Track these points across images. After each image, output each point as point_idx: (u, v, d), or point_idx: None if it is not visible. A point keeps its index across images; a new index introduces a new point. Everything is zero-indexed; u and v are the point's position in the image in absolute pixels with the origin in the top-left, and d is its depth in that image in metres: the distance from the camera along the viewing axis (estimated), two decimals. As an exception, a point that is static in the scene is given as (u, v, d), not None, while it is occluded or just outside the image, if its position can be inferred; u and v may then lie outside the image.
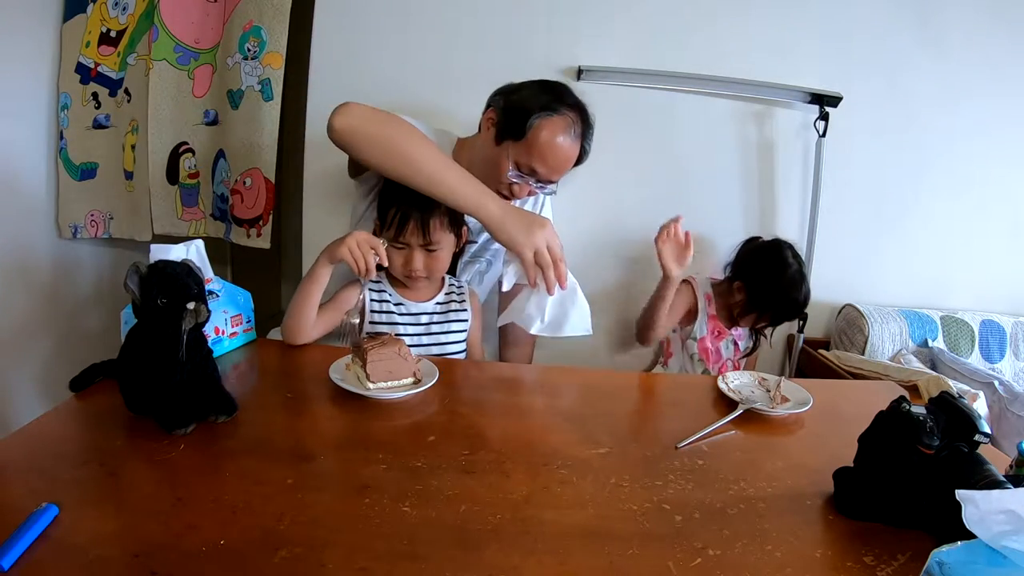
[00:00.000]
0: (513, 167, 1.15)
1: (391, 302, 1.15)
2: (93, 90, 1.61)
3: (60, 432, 0.76)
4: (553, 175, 1.17)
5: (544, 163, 1.14)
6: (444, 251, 1.12)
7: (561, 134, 1.14)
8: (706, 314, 1.56)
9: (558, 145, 1.14)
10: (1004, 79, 1.68)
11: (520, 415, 0.92)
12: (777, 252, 1.49)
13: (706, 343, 1.55)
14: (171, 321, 0.74)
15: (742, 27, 1.61)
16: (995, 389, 1.45)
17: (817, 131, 1.62)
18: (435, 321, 1.17)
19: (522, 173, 1.16)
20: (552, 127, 1.13)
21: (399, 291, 1.16)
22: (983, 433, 0.65)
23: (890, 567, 0.60)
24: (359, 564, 0.55)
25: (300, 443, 0.76)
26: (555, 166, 1.16)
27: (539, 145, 1.13)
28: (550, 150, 1.13)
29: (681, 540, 0.62)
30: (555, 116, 1.13)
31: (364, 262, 0.99)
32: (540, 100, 1.14)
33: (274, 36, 1.50)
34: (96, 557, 0.54)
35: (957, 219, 1.75)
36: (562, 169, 1.18)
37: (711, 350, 1.56)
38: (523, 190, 1.18)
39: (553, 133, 1.13)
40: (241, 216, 1.58)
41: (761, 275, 1.48)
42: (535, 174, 1.16)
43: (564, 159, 1.16)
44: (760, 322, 1.51)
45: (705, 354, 1.55)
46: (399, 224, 1.08)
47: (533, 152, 1.14)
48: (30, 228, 1.58)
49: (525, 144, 1.14)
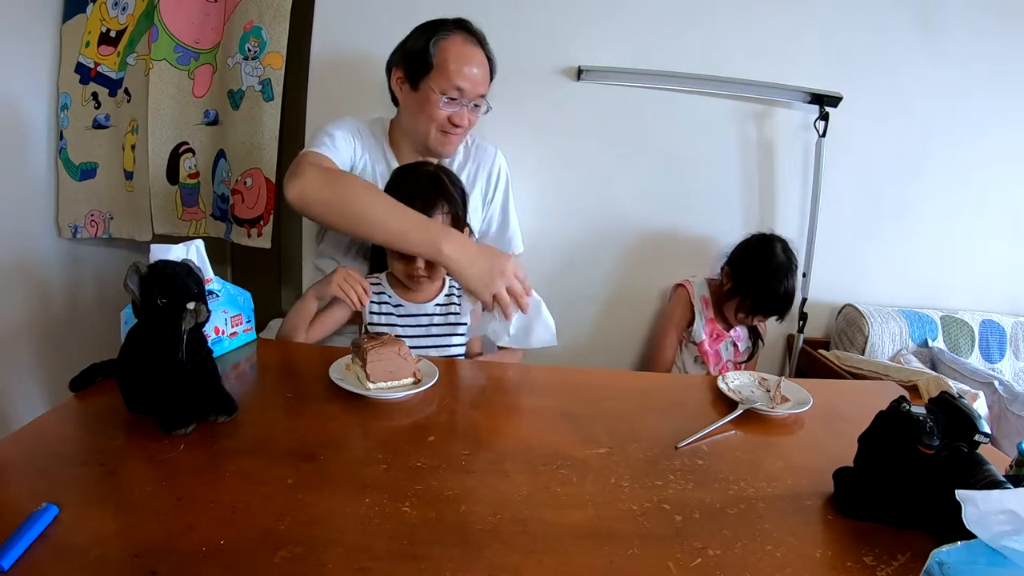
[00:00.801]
0: (440, 96, 1.20)
1: (390, 304, 1.16)
2: (93, 90, 1.61)
3: (60, 432, 0.76)
4: (478, 87, 1.22)
5: (463, 76, 1.19)
6: None
7: (462, 44, 1.21)
8: (704, 317, 1.56)
9: (467, 54, 1.21)
10: (1004, 79, 1.68)
11: (520, 415, 0.92)
12: (766, 242, 1.52)
13: (705, 346, 1.55)
14: (171, 321, 0.74)
15: (742, 27, 1.61)
16: (995, 389, 1.45)
17: (817, 131, 1.62)
18: (435, 323, 1.17)
19: (451, 97, 1.20)
20: (451, 41, 1.20)
21: (399, 293, 1.17)
22: (983, 433, 0.65)
23: (890, 567, 0.60)
24: (359, 564, 0.55)
25: (300, 443, 0.76)
26: (473, 75, 1.21)
27: (450, 61, 1.19)
28: (462, 60, 1.20)
29: (681, 540, 0.62)
30: (449, 34, 1.21)
31: (355, 295, 1.08)
32: (428, 32, 1.21)
33: (274, 36, 1.50)
34: (96, 557, 0.54)
35: (957, 219, 1.75)
36: (481, 79, 1.23)
37: (710, 352, 1.56)
38: (462, 116, 1.23)
39: (455, 45, 1.20)
40: (242, 216, 1.58)
41: (746, 261, 1.51)
42: (462, 92, 1.20)
43: (477, 64, 1.22)
44: (741, 310, 1.50)
45: (705, 357, 1.56)
46: None
47: (449, 70, 1.19)
48: (30, 228, 1.58)
49: (438, 69, 1.20)
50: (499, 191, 1.40)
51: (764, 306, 1.47)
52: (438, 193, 1.12)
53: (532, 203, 1.61)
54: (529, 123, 1.64)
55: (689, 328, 1.58)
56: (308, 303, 1.12)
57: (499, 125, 1.59)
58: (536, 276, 1.57)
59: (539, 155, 1.64)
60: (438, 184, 1.13)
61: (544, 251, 1.66)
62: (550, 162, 1.65)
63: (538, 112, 1.63)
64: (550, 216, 1.66)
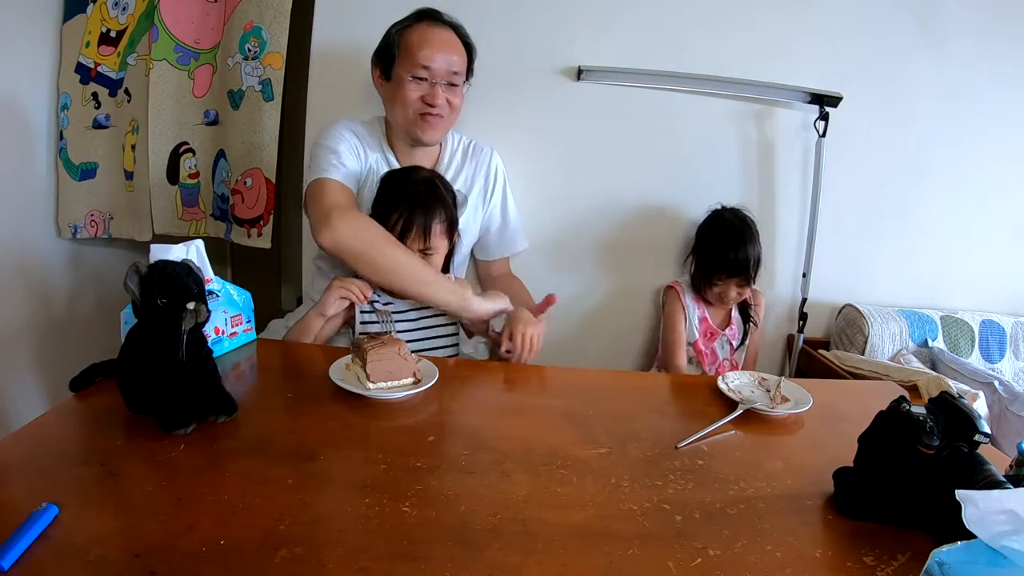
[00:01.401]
0: (410, 78, 1.22)
1: (380, 302, 1.19)
2: (93, 90, 1.61)
3: (60, 432, 0.76)
4: (449, 65, 1.23)
5: (426, 55, 1.21)
6: (438, 255, 1.19)
7: (426, 28, 1.24)
8: (697, 316, 1.56)
9: (430, 35, 1.23)
10: (1004, 79, 1.68)
11: (520, 415, 0.92)
12: (716, 214, 1.57)
13: (699, 346, 1.56)
14: (171, 321, 0.74)
15: (742, 27, 1.61)
16: (995, 389, 1.45)
17: (817, 131, 1.62)
18: (423, 316, 1.21)
19: (419, 77, 1.23)
20: (413, 28, 1.24)
21: (388, 293, 1.20)
22: (983, 433, 0.65)
23: (890, 567, 0.60)
24: (359, 564, 0.55)
25: (300, 443, 0.76)
26: (438, 53, 1.22)
27: (413, 43, 1.22)
28: (424, 41, 1.22)
29: (681, 540, 0.62)
30: (412, 23, 1.25)
31: (357, 290, 1.12)
32: (392, 27, 1.27)
33: (274, 36, 1.50)
34: (96, 557, 0.54)
35: (957, 219, 1.75)
36: (449, 58, 1.24)
37: (705, 352, 1.56)
38: (434, 95, 1.23)
39: (418, 30, 1.23)
40: (242, 216, 1.58)
41: (701, 237, 1.57)
42: (430, 71, 1.22)
43: (444, 43, 1.24)
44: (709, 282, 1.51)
45: (700, 356, 1.55)
46: (402, 229, 1.14)
47: (413, 52, 1.22)
48: (30, 228, 1.58)
49: (403, 54, 1.23)
50: (497, 190, 1.42)
51: (722, 267, 1.48)
52: (435, 199, 1.16)
53: (532, 203, 1.61)
54: (529, 123, 1.64)
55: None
56: (312, 322, 1.14)
57: (499, 125, 1.60)
58: (536, 275, 1.59)
59: (539, 155, 1.64)
60: (434, 191, 1.17)
61: (544, 251, 1.66)
62: (550, 162, 1.65)
63: (538, 112, 1.63)
64: (550, 216, 1.66)
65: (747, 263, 1.47)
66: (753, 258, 1.48)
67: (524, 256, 1.55)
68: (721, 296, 1.52)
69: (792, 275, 1.73)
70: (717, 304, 1.56)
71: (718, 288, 1.51)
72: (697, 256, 1.57)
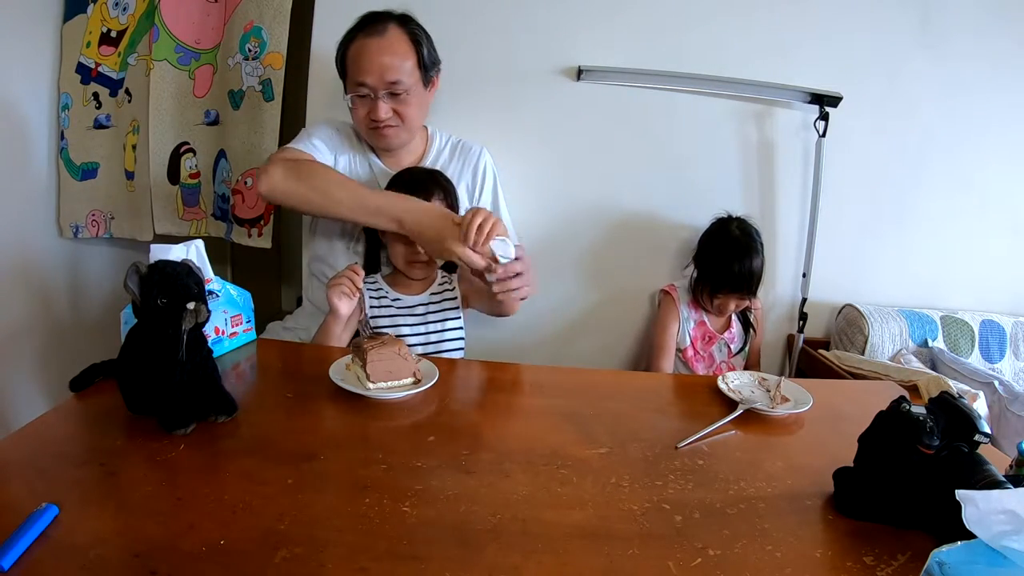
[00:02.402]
0: (355, 96, 1.21)
1: (389, 299, 1.21)
2: (94, 90, 1.61)
3: (60, 432, 0.76)
4: (385, 74, 1.18)
5: (360, 71, 1.19)
6: None
7: (361, 41, 1.20)
8: (693, 321, 1.56)
9: (363, 46, 1.19)
10: (1004, 79, 1.68)
11: (520, 415, 0.92)
12: (722, 223, 1.54)
13: (689, 353, 1.55)
14: (171, 321, 0.74)
15: (742, 27, 1.61)
16: (995, 389, 1.45)
17: (817, 131, 1.62)
18: (431, 311, 1.22)
19: (360, 95, 1.21)
20: (354, 42, 1.21)
21: (395, 289, 1.23)
22: (983, 433, 0.65)
23: (890, 567, 0.60)
24: (359, 564, 0.55)
25: (300, 443, 0.76)
26: (371, 66, 1.18)
27: (350, 60, 1.21)
28: (357, 53, 1.20)
29: (681, 540, 0.62)
30: (353, 38, 1.21)
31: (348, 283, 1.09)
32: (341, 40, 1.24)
33: (275, 36, 1.50)
34: (96, 557, 0.54)
35: (957, 219, 1.75)
36: (382, 66, 1.19)
37: (703, 356, 1.56)
38: (376, 109, 1.21)
39: (355, 45, 1.20)
40: (242, 216, 1.58)
41: (705, 246, 1.55)
42: (367, 86, 1.20)
43: (376, 51, 1.19)
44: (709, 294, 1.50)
45: (691, 363, 1.55)
46: None
47: (349, 69, 1.22)
48: (31, 228, 1.58)
49: (347, 72, 1.23)
50: (486, 189, 1.40)
51: (725, 283, 1.47)
52: (435, 183, 1.20)
53: (531, 203, 1.61)
54: (529, 123, 1.64)
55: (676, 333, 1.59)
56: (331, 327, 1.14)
57: (498, 125, 1.60)
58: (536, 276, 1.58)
59: (539, 155, 1.64)
60: (434, 177, 1.22)
61: (543, 251, 1.66)
62: (550, 162, 1.65)
63: (538, 112, 1.63)
64: (549, 216, 1.66)
65: (750, 279, 1.46)
66: (756, 274, 1.47)
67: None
68: (720, 308, 1.52)
69: (792, 275, 1.73)
70: (715, 313, 1.56)
71: (718, 301, 1.50)
72: (699, 266, 1.55)
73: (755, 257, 1.46)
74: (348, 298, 1.10)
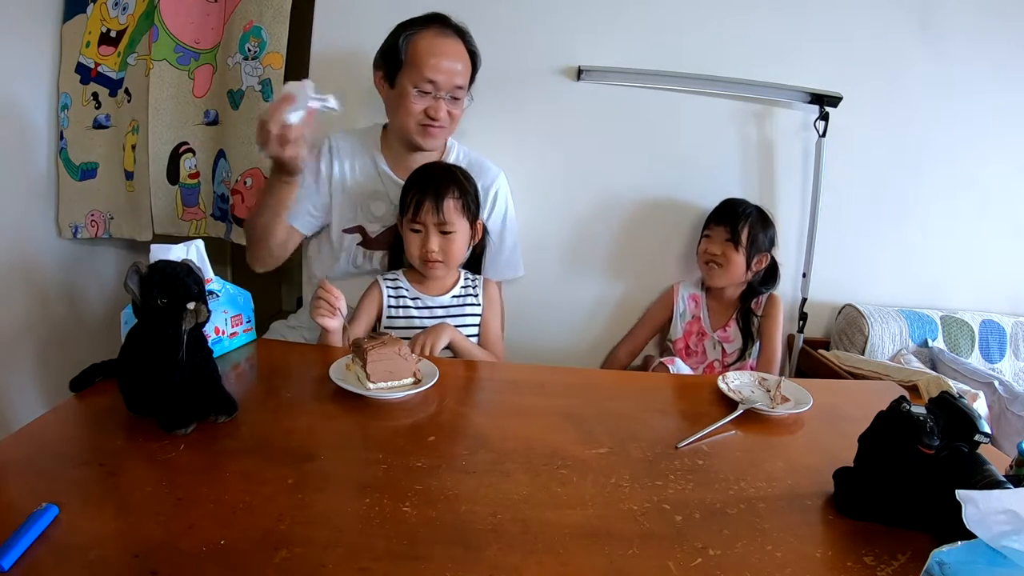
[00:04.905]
0: (413, 89, 1.20)
1: (408, 296, 1.20)
2: (93, 90, 1.61)
3: (60, 432, 0.76)
4: (453, 79, 1.21)
5: (433, 68, 1.19)
6: (459, 236, 1.18)
7: (434, 37, 1.20)
8: (689, 315, 1.56)
9: (439, 46, 1.20)
10: (1004, 79, 1.68)
11: (520, 415, 0.92)
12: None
13: (679, 346, 1.56)
14: (171, 321, 0.74)
15: (742, 27, 1.61)
16: (995, 389, 1.45)
17: (817, 131, 1.62)
18: (451, 315, 1.21)
19: (423, 91, 1.20)
20: (422, 35, 1.20)
21: (416, 286, 1.21)
22: (983, 433, 0.65)
23: (890, 567, 0.60)
24: (359, 564, 0.55)
25: (300, 443, 0.76)
26: (445, 67, 1.20)
27: (421, 54, 1.19)
28: (432, 52, 1.19)
29: (681, 540, 0.62)
30: (421, 29, 1.21)
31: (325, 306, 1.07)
32: (402, 28, 1.23)
33: (274, 36, 1.50)
34: (96, 557, 0.54)
35: (957, 219, 1.75)
36: (455, 71, 1.21)
37: (695, 351, 1.56)
38: (437, 108, 1.22)
39: (426, 38, 1.20)
40: (242, 216, 1.58)
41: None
42: (435, 85, 1.20)
43: (451, 55, 1.21)
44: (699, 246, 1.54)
45: (682, 355, 1.55)
46: (415, 206, 1.15)
47: (420, 64, 1.19)
48: (30, 228, 1.58)
49: (409, 63, 1.20)
50: (495, 214, 1.38)
51: (712, 216, 1.52)
52: (451, 180, 1.18)
53: (532, 203, 1.60)
54: (529, 123, 1.64)
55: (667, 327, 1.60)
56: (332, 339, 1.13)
57: (499, 126, 1.60)
58: (536, 277, 1.59)
59: (539, 155, 1.64)
60: (451, 173, 1.19)
61: (544, 251, 1.66)
62: (550, 162, 1.65)
63: (538, 112, 1.63)
64: (550, 216, 1.66)
65: (737, 215, 1.48)
66: (745, 214, 1.48)
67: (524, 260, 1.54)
68: (706, 252, 1.51)
69: (792, 275, 1.73)
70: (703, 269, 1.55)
71: (704, 242, 1.52)
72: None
73: (749, 205, 1.49)
74: (330, 316, 1.09)
